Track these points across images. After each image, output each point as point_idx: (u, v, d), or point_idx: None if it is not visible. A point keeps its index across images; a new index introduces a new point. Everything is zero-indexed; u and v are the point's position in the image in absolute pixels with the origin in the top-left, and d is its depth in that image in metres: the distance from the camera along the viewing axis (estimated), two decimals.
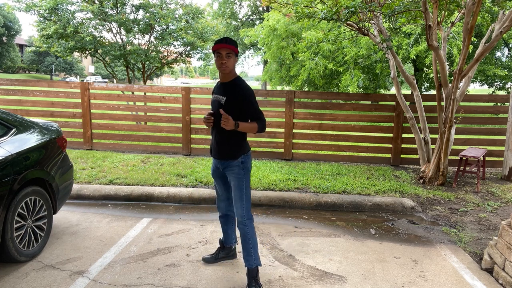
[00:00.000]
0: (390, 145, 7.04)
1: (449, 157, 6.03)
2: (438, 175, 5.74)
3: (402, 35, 13.11)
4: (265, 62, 19.66)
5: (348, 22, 5.79)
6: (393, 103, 6.91)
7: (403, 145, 7.01)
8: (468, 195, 5.35)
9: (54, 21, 9.60)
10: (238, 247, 3.50)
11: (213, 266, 3.22)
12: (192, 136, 7.32)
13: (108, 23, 10.11)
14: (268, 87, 29.82)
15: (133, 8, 10.41)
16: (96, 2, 9.87)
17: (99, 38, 10.00)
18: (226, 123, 2.67)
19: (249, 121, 2.85)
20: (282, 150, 7.17)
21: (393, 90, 18.30)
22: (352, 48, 13.09)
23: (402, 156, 7.03)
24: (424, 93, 16.26)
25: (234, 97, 2.79)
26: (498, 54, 17.70)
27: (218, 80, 2.99)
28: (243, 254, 2.92)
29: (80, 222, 4.10)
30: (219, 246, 3.37)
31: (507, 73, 15.01)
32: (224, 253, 3.33)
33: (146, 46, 10.60)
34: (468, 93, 7.15)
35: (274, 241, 3.77)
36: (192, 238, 3.79)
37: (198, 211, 4.63)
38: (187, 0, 11.28)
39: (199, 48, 11.33)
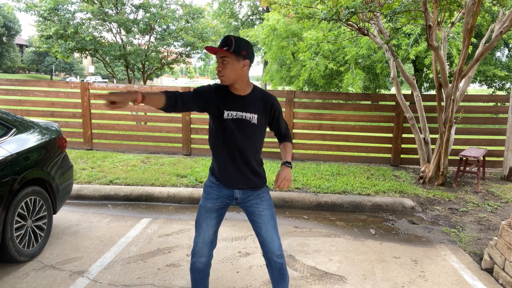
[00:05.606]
0: (390, 145, 7.04)
1: (449, 157, 6.02)
2: (438, 175, 5.74)
3: (402, 35, 13.12)
4: (266, 63, 19.68)
5: (348, 22, 5.79)
6: (393, 103, 6.91)
7: (403, 145, 7.01)
8: (468, 195, 5.35)
9: (54, 22, 9.60)
10: (234, 245, 3.49)
11: (213, 266, 3.21)
12: (192, 136, 7.32)
13: (108, 23, 10.13)
14: (269, 87, 29.86)
15: (133, 8, 10.42)
16: (96, 2, 9.88)
17: (99, 38, 10.01)
18: (289, 182, 2.25)
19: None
20: None
21: (393, 90, 18.29)
22: (352, 48, 13.10)
23: (402, 156, 7.03)
24: (424, 93, 16.27)
25: (266, 112, 2.23)
26: (498, 54, 17.71)
27: (217, 86, 2.19)
28: None
29: (80, 222, 4.10)
30: None
31: (506, 73, 15.00)
32: None
33: (146, 47, 10.61)
34: (467, 94, 7.15)
35: None
36: (192, 238, 3.76)
37: None
38: (187, 0, 11.26)
39: (199, 48, 11.35)
